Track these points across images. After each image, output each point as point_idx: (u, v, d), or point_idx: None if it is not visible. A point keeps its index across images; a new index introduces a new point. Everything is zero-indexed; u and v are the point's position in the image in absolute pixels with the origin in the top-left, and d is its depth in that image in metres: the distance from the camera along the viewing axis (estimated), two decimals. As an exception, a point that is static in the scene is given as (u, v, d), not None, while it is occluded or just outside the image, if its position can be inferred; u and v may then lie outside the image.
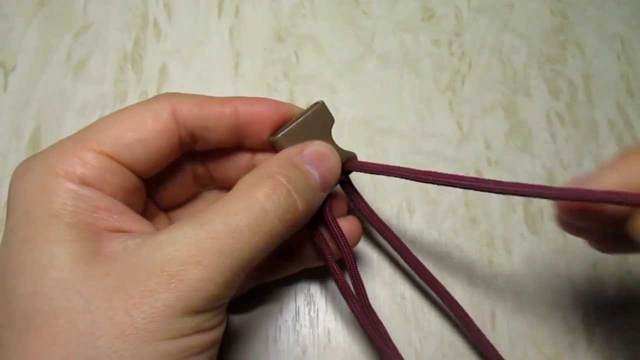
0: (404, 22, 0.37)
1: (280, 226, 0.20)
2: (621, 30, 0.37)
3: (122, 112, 0.22)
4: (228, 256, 0.18)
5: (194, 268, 0.18)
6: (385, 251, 0.31)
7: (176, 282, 0.17)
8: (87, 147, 0.20)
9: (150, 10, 0.36)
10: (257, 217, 0.19)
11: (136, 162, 0.21)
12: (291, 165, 0.21)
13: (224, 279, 0.18)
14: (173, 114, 0.22)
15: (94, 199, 0.19)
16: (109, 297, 0.17)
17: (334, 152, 0.23)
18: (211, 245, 0.18)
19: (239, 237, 0.19)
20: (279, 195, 0.20)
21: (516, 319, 0.29)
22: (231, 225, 0.19)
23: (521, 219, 0.32)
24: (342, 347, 0.28)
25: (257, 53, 0.35)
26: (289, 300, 0.29)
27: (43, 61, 0.34)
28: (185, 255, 0.18)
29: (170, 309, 0.17)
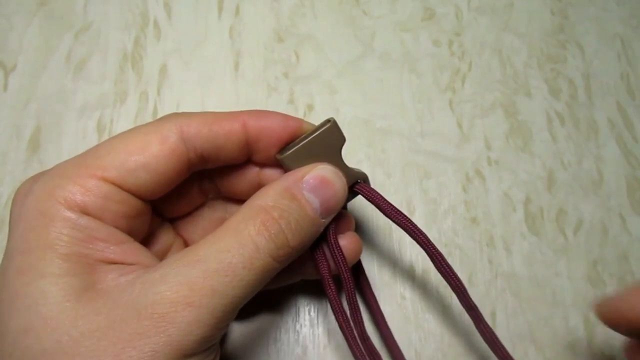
0: (404, 22, 0.37)
1: (272, 262, 0.19)
2: (621, 30, 0.37)
3: (127, 134, 0.21)
4: (221, 296, 0.18)
5: (184, 309, 0.17)
6: (385, 251, 0.31)
7: (166, 324, 0.17)
8: (90, 173, 0.19)
9: (150, 10, 0.36)
10: (250, 255, 0.19)
11: (142, 188, 0.20)
12: (287, 196, 0.21)
13: (215, 320, 0.18)
14: (181, 136, 0.21)
15: (92, 229, 0.19)
16: (98, 339, 0.17)
17: (339, 177, 0.22)
18: (204, 284, 0.18)
19: (232, 275, 0.18)
20: (270, 232, 0.19)
21: (516, 319, 0.29)
22: (224, 262, 0.18)
23: (521, 219, 0.32)
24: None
25: (257, 53, 0.35)
26: (289, 300, 0.29)
27: (43, 61, 0.34)
28: (176, 295, 0.17)
29: (160, 354, 0.17)
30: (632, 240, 0.31)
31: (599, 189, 0.33)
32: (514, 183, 0.32)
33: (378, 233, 0.31)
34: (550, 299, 0.30)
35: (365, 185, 0.24)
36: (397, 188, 0.32)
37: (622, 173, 0.33)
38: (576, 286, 0.30)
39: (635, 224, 0.32)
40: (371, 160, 0.33)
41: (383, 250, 0.31)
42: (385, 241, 0.31)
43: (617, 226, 0.32)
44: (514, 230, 0.31)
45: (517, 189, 0.32)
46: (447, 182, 0.32)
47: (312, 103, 0.34)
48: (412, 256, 0.30)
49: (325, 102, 0.34)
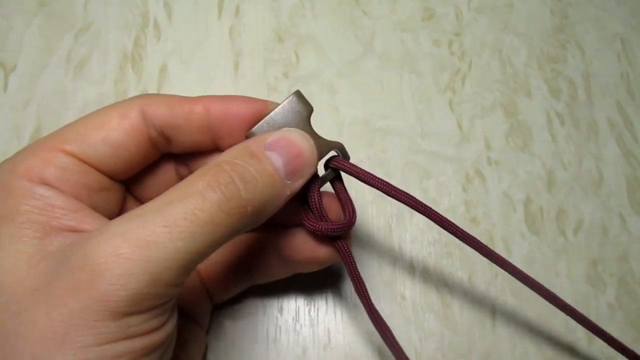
0: (404, 22, 0.37)
1: (222, 214, 0.18)
2: (621, 30, 0.37)
3: (92, 113, 0.21)
4: (157, 248, 0.16)
5: (115, 261, 0.16)
6: (385, 251, 0.31)
7: (96, 278, 0.16)
8: (51, 146, 0.20)
9: (150, 10, 0.36)
10: (194, 205, 0.17)
11: (101, 161, 0.21)
12: (246, 153, 0.20)
13: (150, 275, 0.16)
14: (142, 114, 0.21)
15: (49, 198, 0.19)
16: (35, 298, 0.16)
17: (305, 138, 0.21)
18: (138, 236, 0.16)
19: (172, 226, 0.17)
20: (220, 183, 0.18)
21: (516, 319, 0.29)
22: (164, 213, 0.17)
23: (521, 219, 0.32)
24: (342, 347, 0.28)
25: (257, 53, 0.35)
26: (289, 301, 0.29)
27: (43, 61, 0.34)
28: (108, 247, 0.16)
29: (90, 311, 0.16)
30: (632, 240, 0.31)
31: (599, 189, 0.33)
32: (514, 183, 0.32)
33: (378, 233, 0.31)
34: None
35: (341, 160, 0.24)
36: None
37: (622, 173, 0.33)
38: (576, 286, 0.30)
39: (635, 224, 0.32)
40: (371, 160, 0.33)
41: (383, 250, 0.31)
42: (385, 241, 0.31)
43: (617, 226, 0.32)
44: (514, 230, 0.31)
45: (517, 189, 0.32)
46: (447, 182, 0.32)
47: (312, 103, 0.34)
48: (412, 256, 0.30)
49: (325, 102, 0.34)
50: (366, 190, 0.32)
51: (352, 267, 0.24)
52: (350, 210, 0.24)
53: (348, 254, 0.23)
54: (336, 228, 0.23)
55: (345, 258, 0.23)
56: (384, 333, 0.24)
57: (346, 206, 0.24)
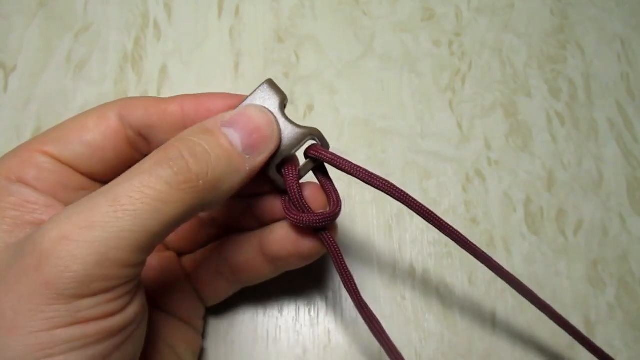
0: (404, 22, 0.37)
1: (171, 190, 0.17)
2: (621, 30, 0.37)
3: (73, 117, 0.22)
4: (101, 228, 0.16)
5: (61, 243, 0.16)
6: (385, 251, 0.31)
7: (43, 261, 0.16)
8: (31, 148, 0.21)
9: (150, 10, 0.36)
10: (139, 183, 0.17)
11: (80, 161, 0.21)
12: (199, 131, 0.20)
13: (97, 256, 0.16)
14: (119, 115, 0.22)
15: (23, 194, 0.20)
16: None
17: (263, 112, 0.21)
18: (84, 218, 0.16)
19: (117, 205, 0.16)
20: (168, 157, 0.18)
21: (516, 319, 0.29)
22: (110, 194, 0.17)
23: (521, 219, 0.32)
24: (342, 347, 0.28)
25: (258, 53, 0.35)
26: (289, 301, 0.29)
27: (43, 61, 0.34)
28: (56, 230, 0.16)
29: (37, 295, 0.16)
30: (632, 240, 0.31)
31: (599, 189, 0.33)
32: (514, 183, 0.33)
33: (378, 233, 0.31)
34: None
35: (319, 148, 0.23)
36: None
37: (622, 173, 0.33)
38: (576, 286, 0.30)
39: (635, 224, 0.32)
40: (371, 160, 0.33)
41: (383, 250, 0.31)
42: (385, 241, 0.31)
43: (617, 226, 0.32)
44: (514, 231, 0.31)
45: (517, 189, 0.32)
46: (447, 182, 0.32)
47: (312, 103, 0.34)
48: (412, 256, 0.30)
49: (325, 102, 0.34)
50: (366, 190, 0.32)
51: (338, 259, 0.23)
52: (335, 199, 0.23)
53: (333, 245, 0.23)
54: (319, 219, 0.22)
55: (331, 249, 0.23)
56: (372, 324, 0.23)
57: (330, 196, 0.23)
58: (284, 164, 0.22)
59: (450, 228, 0.24)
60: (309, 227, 0.22)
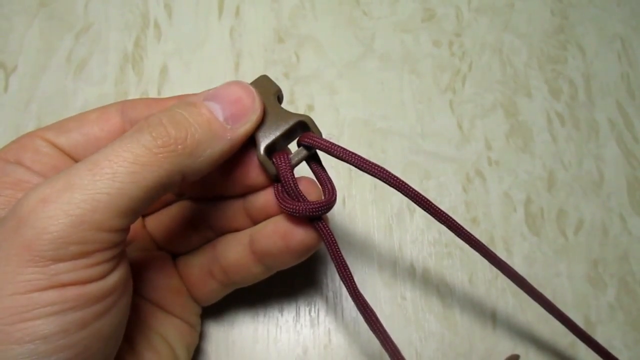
0: (405, 23, 0.37)
1: (148, 153, 0.18)
2: (621, 30, 0.37)
3: (80, 113, 0.23)
4: (80, 190, 0.16)
5: (38, 206, 0.16)
6: (385, 251, 0.31)
7: (21, 224, 0.16)
8: (31, 134, 0.22)
9: (150, 10, 0.36)
10: (117, 147, 0.18)
11: (76, 149, 0.22)
12: (182, 104, 0.20)
13: (75, 219, 0.16)
14: (120, 112, 0.23)
15: (19, 174, 0.20)
16: None
17: (244, 86, 0.22)
18: (62, 182, 0.17)
19: (95, 168, 0.17)
20: (148, 124, 0.19)
21: (516, 319, 0.29)
22: (90, 159, 0.17)
23: (521, 219, 0.32)
24: (343, 347, 0.28)
25: (258, 53, 0.35)
26: (289, 301, 0.29)
27: (44, 62, 0.34)
28: (35, 195, 0.16)
29: (16, 258, 0.16)
30: (632, 240, 0.31)
31: (599, 189, 0.33)
32: (514, 183, 0.33)
33: (378, 233, 0.31)
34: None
35: (312, 135, 0.22)
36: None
37: (622, 173, 0.33)
38: (576, 286, 0.30)
39: (636, 224, 0.32)
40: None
41: (383, 250, 0.31)
42: (385, 241, 0.31)
43: (618, 226, 0.32)
44: (514, 231, 0.31)
45: (517, 189, 0.32)
46: (447, 183, 0.32)
47: (312, 103, 0.34)
48: (412, 256, 0.31)
49: (325, 102, 0.34)
50: (366, 190, 0.32)
51: (334, 248, 0.22)
52: (330, 188, 0.23)
53: (329, 235, 0.22)
54: (315, 208, 0.21)
55: (327, 239, 0.22)
56: (368, 316, 0.23)
57: (325, 185, 0.23)
58: (276, 153, 0.22)
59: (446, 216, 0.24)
60: (304, 216, 0.22)
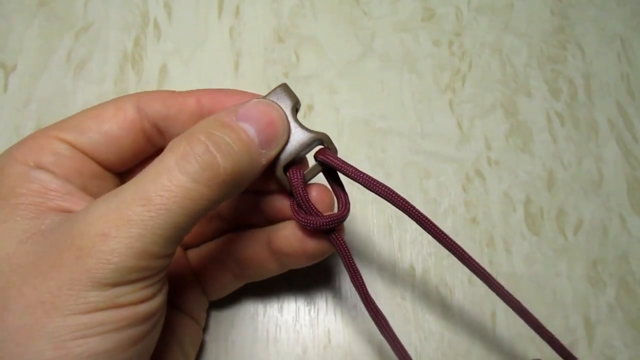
0: (404, 22, 0.37)
1: (198, 186, 0.18)
2: (621, 30, 0.37)
3: (92, 106, 0.23)
4: (138, 225, 0.17)
5: (100, 240, 0.17)
6: (385, 251, 0.31)
7: (83, 255, 0.17)
8: (47, 134, 0.21)
9: (150, 10, 0.36)
10: (168, 181, 0.18)
11: (95, 149, 0.22)
12: (219, 123, 0.20)
13: (135, 250, 0.17)
14: (136, 107, 0.22)
15: (44, 181, 0.20)
16: (23, 274, 0.17)
17: (275, 107, 0.22)
18: (119, 216, 0.17)
19: (149, 204, 0.17)
20: (195, 153, 0.18)
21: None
22: (140, 192, 0.18)
23: (521, 219, 0.32)
24: (342, 347, 0.28)
25: (258, 53, 0.35)
26: (289, 300, 0.29)
27: (43, 61, 0.34)
28: (92, 227, 0.17)
29: (77, 282, 0.17)
30: (632, 240, 0.31)
31: (599, 189, 0.33)
32: (514, 183, 0.33)
33: (378, 233, 0.31)
34: (550, 299, 0.30)
35: (327, 153, 0.23)
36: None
37: (622, 173, 0.33)
38: (576, 286, 0.30)
39: (636, 224, 0.32)
40: (371, 160, 0.33)
41: (383, 250, 0.31)
42: (385, 241, 0.31)
43: (617, 226, 0.32)
44: (514, 231, 0.31)
45: (517, 189, 0.32)
46: (447, 182, 0.32)
47: (312, 103, 0.34)
48: (412, 256, 0.30)
49: (325, 102, 0.34)
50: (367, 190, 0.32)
51: (348, 259, 0.23)
52: (344, 201, 0.23)
53: (343, 246, 0.23)
54: (327, 222, 0.22)
55: (340, 250, 0.23)
56: (380, 323, 0.24)
57: (339, 198, 0.24)
58: (291, 167, 0.23)
59: (448, 239, 0.24)
60: (317, 230, 0.23)
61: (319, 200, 0.23)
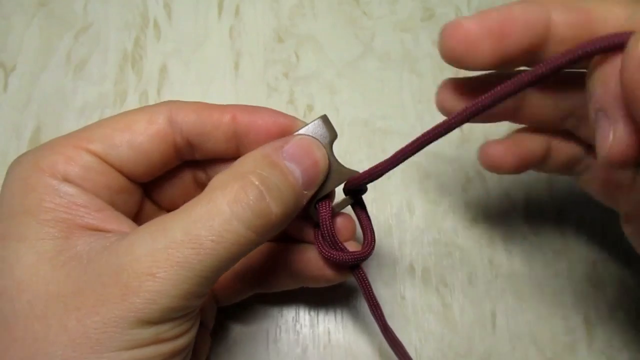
0: (404, 22, 0.37)
1: (248, 233, 0.18)
2: (621, 30, 0.37)
3: (120, 114, 0.22)
4: (185, 269, 0.17)
5: (148, 280, 0.17)
6: (385, 251, 0.31)
7: (130, 293, 0.17)
8: (75, 144, 0.20)
9: (150, 10, 0.36)
10: (220, 226, 0.18)
11: (124, 164, 0.21)
12: (267, 163, 0.20)
13: (181, 292, 0.17)
14: (169, 119, 0.21)
15: (73, 196, 0.19)
16: (64, 303, 0.17)
17: (318, 146, 0.21)
18: (168, 257, 0.17)
19: (199, 248, 0.17)
20: (249, 198, 0.18)
21: (516, 319, 0.29)
22: (191, 234, 0.18)
23: (521, 219, 0.32)
24: (342, 347, 0.28)
25: (257, 53, 0.35)
26: (289, 300, 0.29)
27: (43, 61, 0.34)
28: (139, 266, 0.17)
29: (123, 320, 0.17)
30: (632, 240, 0.31)
31: (599, 189, 0.33)
32: (514, 183, 0.32)
33: (378, 232, 0.31)
34: (550, 299, 0.30)
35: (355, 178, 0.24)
36: (397, 188, 0.32)
37: (622, 173, 0.33)
38: (576, 286, 0.30)
39: (635, 224, 0.32)
40: (371, 160, 0.33)
41: (383, 250, 0.31)
42: (385, 241, 0.31)
43: (617, 226, 0.32)
44: (514, 231, 0.31)
45: (517, 189, 0.32)
46: (447, 182, 0.32)
47: (312, 103, 0.34)
48: (412, 256, 0.30)
49: (325, 102, 0.34)
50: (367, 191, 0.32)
51: (369, 292, 0.24)
52: (370, 238, 0.24)
53: (365, 281, 0.24)
54: (351, 259, 0.23)
55: (362, 284, 0.24)
56: (398, 351, 0.24)
57: (366, 234, 0.24)
58: (320, 199, 0.23)
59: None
60: (340, 265, 0.23)
61: (343, 228, 0.24)
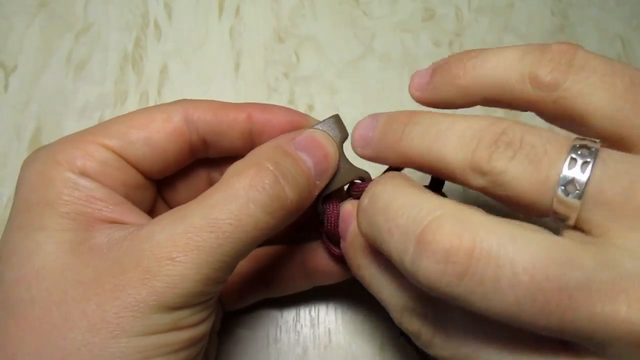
0: (405, 23, 0.37)
1: (266, 217, 0.18)
2: (621, 30, 0.37)
3: (136, 111, 0.22)
4: (205, 252, 0.18)
5: (168, 264, 0.17)
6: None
7: (150, 277, 0.17)
8: (92, 139, 0.20)
9: (150, 10, 0.36)
10: (238, 210, 0.18)
11: (140, 160, 0.21)
12: (280, 152, 0.20)
13: (201, 276, 0.18)
14: (185, 118, 0.22)
15: (91, 189, 0.19)
16: (83, 290, 0.17)
17: (329, 140, 0.22)
18: (187, 241, 0.17)
19: (218, 232, 0.18)
20: (264, 182, 0.19)
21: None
22: (209, 219, 0.18)
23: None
24: (343, 347, 0.28)
25: (258, 53, 0.35)
26: (289, 301, 0.29)
27: (44, 61, 0.34)
28: (160, 251, 0.17)
29: (143, 305, 0.17)
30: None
31: (599, 189, 0.33)
32: (514, 183, 0.32)
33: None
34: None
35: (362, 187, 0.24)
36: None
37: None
38: (577, 286, 0.30)
39: (636, 224, 0.32)
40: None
41: (383, 250, 0.31)
42: (386, 241, 0.31)
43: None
44: (514, 231, 0.31)
45: (517, 189, 0.32)
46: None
47: (312, 103, 0.34)
48: (412, 256, 0.30)
49: (325, 102, 0.34)
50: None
51: None
52: None
53: None
54: None
55: None
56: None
57: None
58: (329, 198, 0.23)
59: None
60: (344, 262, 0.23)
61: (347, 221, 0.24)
